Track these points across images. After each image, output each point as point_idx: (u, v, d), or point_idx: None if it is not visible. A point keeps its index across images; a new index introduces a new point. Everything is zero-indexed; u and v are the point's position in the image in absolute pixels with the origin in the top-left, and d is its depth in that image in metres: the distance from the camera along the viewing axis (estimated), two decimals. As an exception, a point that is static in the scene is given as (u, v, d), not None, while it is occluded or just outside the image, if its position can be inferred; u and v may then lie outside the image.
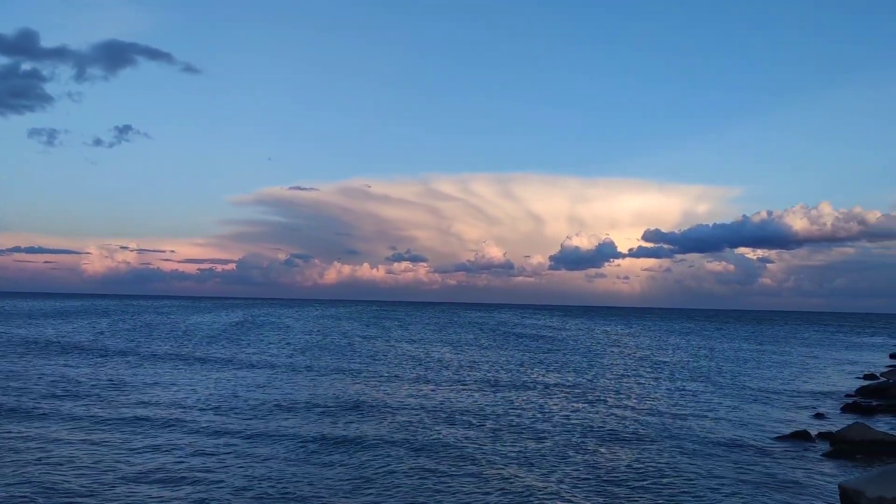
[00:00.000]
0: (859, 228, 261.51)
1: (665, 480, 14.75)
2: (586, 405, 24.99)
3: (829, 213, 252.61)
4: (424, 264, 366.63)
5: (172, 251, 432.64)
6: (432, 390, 27.93)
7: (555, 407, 24.37)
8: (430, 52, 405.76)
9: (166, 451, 16.42)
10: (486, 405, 24.37)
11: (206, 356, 40.35)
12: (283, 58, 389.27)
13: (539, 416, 22.48)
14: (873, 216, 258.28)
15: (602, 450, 17.61)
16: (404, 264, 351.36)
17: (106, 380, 28.78)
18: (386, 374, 33.29)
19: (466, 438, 18.55)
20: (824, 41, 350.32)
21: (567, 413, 23.11)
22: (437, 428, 19.90)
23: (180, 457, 15.84)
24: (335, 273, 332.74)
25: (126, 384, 27.58)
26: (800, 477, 15.36)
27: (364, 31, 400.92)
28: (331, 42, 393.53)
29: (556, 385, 30.82)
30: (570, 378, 33.78)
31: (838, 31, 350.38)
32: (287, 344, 51.53)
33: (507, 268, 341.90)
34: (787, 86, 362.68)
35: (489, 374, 34.36)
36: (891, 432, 19.90)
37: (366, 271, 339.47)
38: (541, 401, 25.76)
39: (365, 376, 32.27)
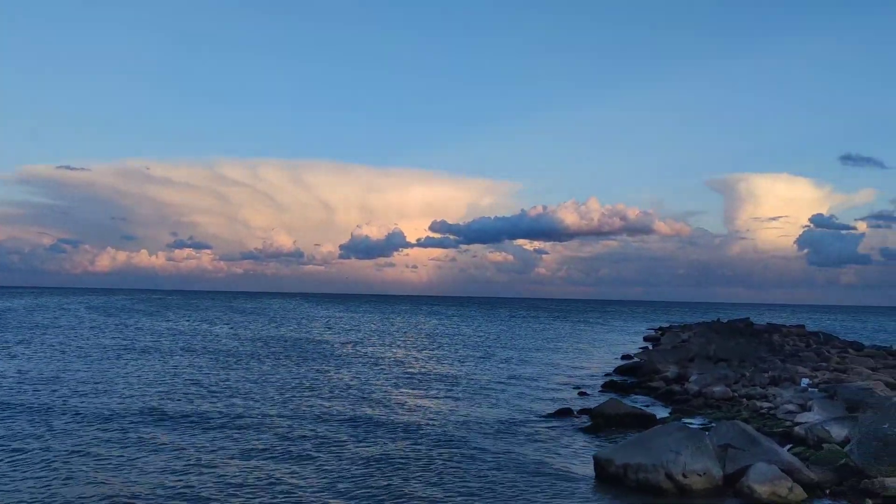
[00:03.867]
0: (621, 223, 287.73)
1: (434, 465, 15.27)
2: (358, 396, 25.24)
3: (596, 209, 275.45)
4: (209, 251, 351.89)
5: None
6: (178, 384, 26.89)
7: (321, 400, 24.39)
8: (219, 30, 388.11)
9: None
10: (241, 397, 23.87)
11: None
12: (45, 17, 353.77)
13: (296, 410, 22.40)
14: (633, 212, 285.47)
15: (377, 440, 17.87)
16: (187, 251, 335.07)
17: None
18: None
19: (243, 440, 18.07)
20: (593, 53, 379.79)
21: (332, 404, 23.21)
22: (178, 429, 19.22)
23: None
24: (109, 260, 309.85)
25: None
26: (561, 450, 16.60)
27: None
28: (105, 2, 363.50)
29: (321, 378, 30.86)
30: (340, 370, 33.94)
31: (608, 43, 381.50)
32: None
33: (296, 256, 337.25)
34: (563, 91, 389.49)
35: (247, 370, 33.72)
36: (640, 406, 22.17)
37: (143, 258, 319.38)
38: (304, 395, 25.67)
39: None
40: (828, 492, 12.70)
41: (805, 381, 24.88)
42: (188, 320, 73.57)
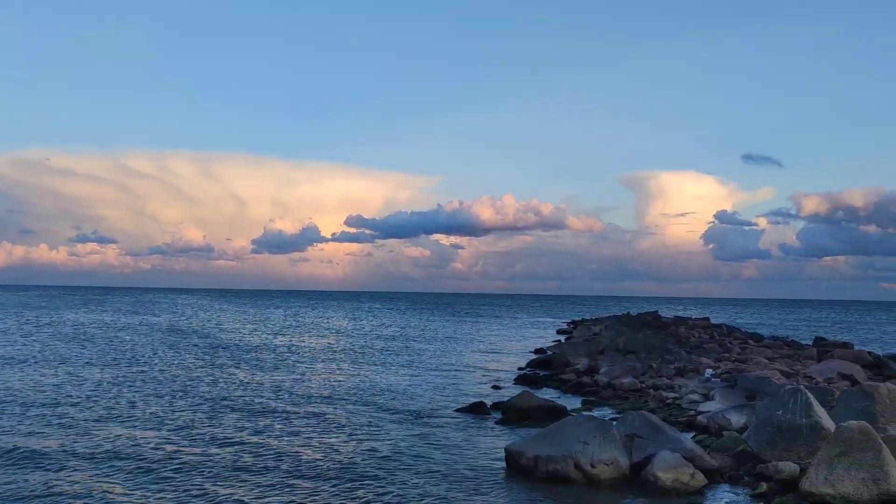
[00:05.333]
0: (536, 219, 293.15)
1: (346, 462, 15.13)
2: (267, 394, 24.83)
3: (511, 205, 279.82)
4: (114, 246, 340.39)
5: None
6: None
7: (225, 397, 23.89)
8: (124, 13, 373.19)
9: None
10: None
11: None
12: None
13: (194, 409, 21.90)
14: (547, 208, 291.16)
15: (284, 438, 17.59)
16: (90, 246, 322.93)
17: None
18: None
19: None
20: (508, 51, 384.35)
21: (238, 402, 22.72)
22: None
23: None
24: (4, 255, 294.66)
25: None
26: (474, 443, 16.70)
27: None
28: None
29: (225, 376, 30.25)
30: (246, 368, 33.35)
31: (523, 42, 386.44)
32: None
33: (206, 251, 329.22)
34: (478, 87, 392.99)
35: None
36: (551, 398, 22.55)
37: (43, 253, 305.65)
38: (205, 391, 25.10)
39: None
40: (727, 477, 13.21)
41: (708, 371, 25.86)
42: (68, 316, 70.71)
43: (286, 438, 16.81)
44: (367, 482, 13.26)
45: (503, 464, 14.33)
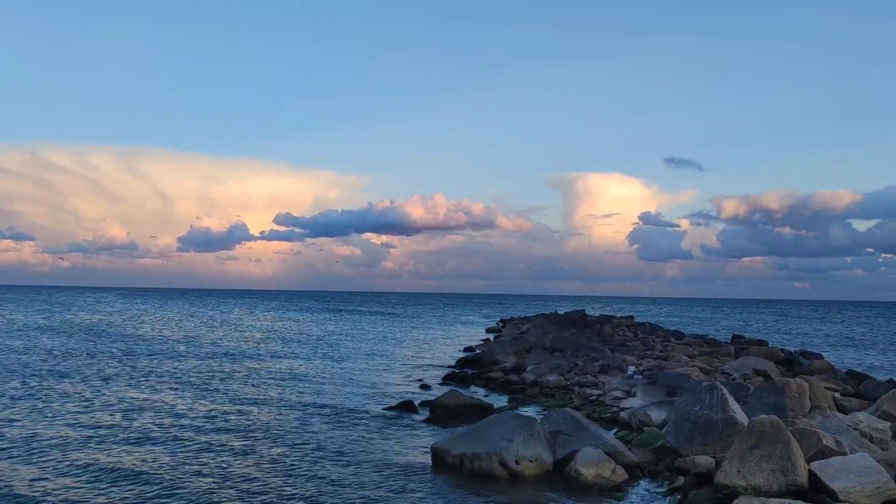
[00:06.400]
0: (466, 218, 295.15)
1: (274, 462, 14.93)
2: (190, 395, 24.33)
3: (442, 204, 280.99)
4: (31, 243, 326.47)
5: None
6: None
7: (144, 403, 23.31)
8: (51, 2, 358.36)
9: None
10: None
11: None
12: None
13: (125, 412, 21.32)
14: (477, 208, 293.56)
15: (210, 441, 17.25)
16: (5, 243, 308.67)
17: None
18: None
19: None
20: (441, 52, 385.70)
21: (159, 405, 22.24)
22: None
23: None
24: None
25: None
26: (401, 442, 16.70)
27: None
28: None
29: (144, 378, 29.53)
30: (167, 369, 32.60)
31: (455, 44, 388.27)
32: None
33: (130, 248, 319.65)
34: (409, 88, 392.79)
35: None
36: (479, 396, 22.75)
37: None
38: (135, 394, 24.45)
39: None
40: (647, 471, 13.57)
41: (631, 368, 26.47)
42: None
43: (212, 439, 16.46)
44: (293, 480, 13.11)
45: (429, 462, 14.37)
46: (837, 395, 19.69)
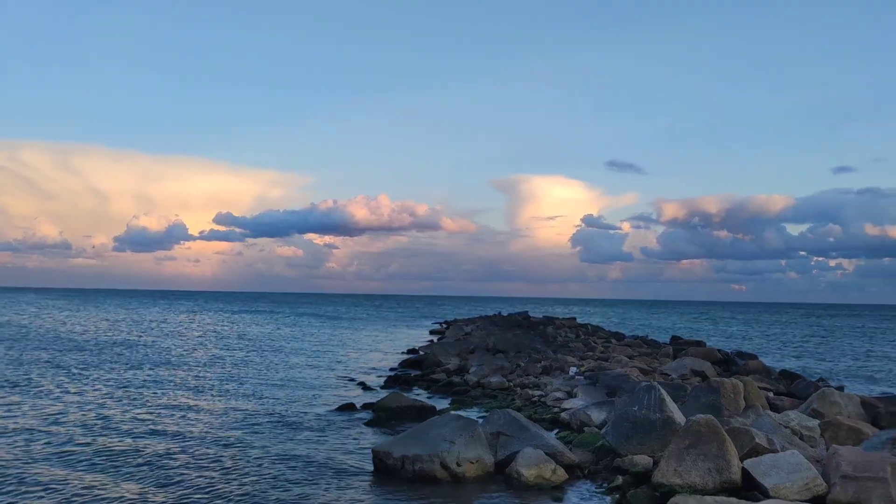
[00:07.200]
0: (411, 219, 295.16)
1: (211, 468, 14.60)
2: (121, 401, 23.70)
3: (386, 205, 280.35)
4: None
5: None
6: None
7: (72, 408, 22.62)
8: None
9: None
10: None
11: None
12: None
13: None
14: (422, 209, 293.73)
15: (144, 449, 16.80)
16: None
17: None
18: None
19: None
20: (384, 54, 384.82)
21: (86, 411, 21.60)
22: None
23: None
24: None
25: None
26: (342, 445, 16.49)
27: None
28: None
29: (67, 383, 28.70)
30: (97, 374, 31.73)
31: (401, 44, 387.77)
32: None
33: (63, 248, 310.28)
34: (352, 87, 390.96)
35: None
36: (422, 398, 22.67)
37: None
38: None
39: None
40: (587, 472, 13.69)
41: (573, 369, 26.76)
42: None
43: (144, 444, 16.00)
44: (230, 484, 12.81)
45: (370, 464, 14.23)
46: (770, 394, 20.26)
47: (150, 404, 21.51)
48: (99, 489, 12.57)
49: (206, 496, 12.29)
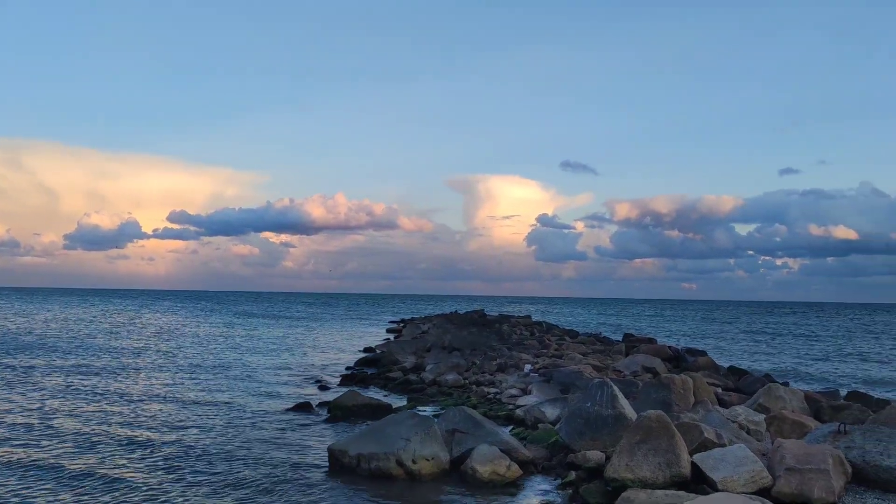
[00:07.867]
0: (368, 218, 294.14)
1: (164, 468, 14.44)
2: (69, 403, 23.23)
3: (343, 203, 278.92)
4: None
5: None
6: None
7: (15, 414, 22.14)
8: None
9: None
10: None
11: None
12: None
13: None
14: (379, 208, 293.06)
15: (95, 452, 16.53)
16: None
17: None
18: None
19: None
20: (344, 50, 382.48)
21: (31, 415, 21.17)
22: None
23: None
24: None
25: None
26: (298, 444, 16.43)
27: None
28: None
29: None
30: (39, 374, 31.07)
31: (360, 42, 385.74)
32: None
33: (11, 246, 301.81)
34: (310, 85, 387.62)
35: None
36: (378, 397, 22.70)
37: None
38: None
39: None
40: (541, 468, 13.89)
41: (528, 367, 27.02)
42: None
43: (92, 449, 15.74)
44: (185, 483, 12.70)
45: (326, 463, 14.23)
46: (719, 390, 20.76)
47: (96, 407, 21.10)
48: (51, 479, 12.35)
49: (158, 494, 12.16)
